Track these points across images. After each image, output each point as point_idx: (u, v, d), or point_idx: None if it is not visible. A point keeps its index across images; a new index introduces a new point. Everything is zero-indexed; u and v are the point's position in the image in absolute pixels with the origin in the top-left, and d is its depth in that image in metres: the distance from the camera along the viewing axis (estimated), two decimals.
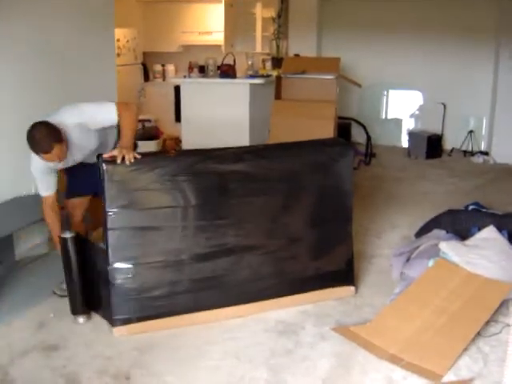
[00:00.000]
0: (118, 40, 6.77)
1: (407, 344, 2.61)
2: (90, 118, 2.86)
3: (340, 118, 6.00)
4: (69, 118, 2.81)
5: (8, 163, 3.59)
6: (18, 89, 3.66)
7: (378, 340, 2.66)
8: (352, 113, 7.37)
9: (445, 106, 7.16)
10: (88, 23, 4.41)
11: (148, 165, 2.70)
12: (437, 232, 3.62)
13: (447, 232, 3.58)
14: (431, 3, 7.08)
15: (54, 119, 2.76)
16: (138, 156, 2.72)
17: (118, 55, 6.52)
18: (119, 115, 2.87)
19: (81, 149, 2.93)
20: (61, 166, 2.94)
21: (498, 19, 6.75)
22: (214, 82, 5.77)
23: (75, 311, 2.88)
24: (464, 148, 7.13)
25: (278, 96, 5.26)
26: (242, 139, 5.45)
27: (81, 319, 2.88)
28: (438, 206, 4.42)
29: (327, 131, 4.71)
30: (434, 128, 7.24)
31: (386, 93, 7.81)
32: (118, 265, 2.71)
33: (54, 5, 3.97)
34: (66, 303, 3.07)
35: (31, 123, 2.68)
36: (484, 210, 3.91)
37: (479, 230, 3.44)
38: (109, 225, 2.68)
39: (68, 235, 2.76)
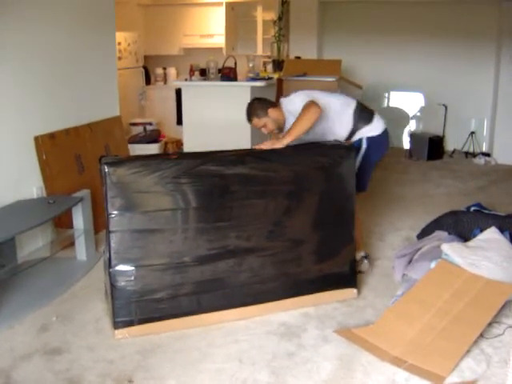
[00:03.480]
0: (119, 43, 6.79)
1: (410, 346, 2.61)
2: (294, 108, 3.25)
3: None
4: (286, 106, 3.36)
5: (10, 166, 3.60)
6: (19, 93, 3.67)
7: (381, 342, 2.66)
8: None
9: (446, 108, 7.17)
10: (89, 27, 4.43)
11: (150, 167, 2.70)
12: (439, 233, 3.61)
13: (449, 233, 3.58)
14: (432, 6, 7.10)
15: (282, 101, 3.42)
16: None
17: (120, 59, 6.53)
18: (302, 111, 3.13)
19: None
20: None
21: (498, 22, 6.76)
22: (215, 84, 5.78)
23: None
24: (465, 149, 7.13)
25: (279, 99, 5.25)
26: (244, 142, 5.45)
27: None
28: (440, 207, 4.43)
29: None
30: (436, 129, 7.25)
31: (387, 94, 7.82)
32: (120, 267, 2.71)
33: (54, 9, 3.99)
34: (68, 307, 3.08)
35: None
36: (486, 212, 3.90)
37: (481, 231, 3.44)
38: (110, 227, 2.69)
39: None
